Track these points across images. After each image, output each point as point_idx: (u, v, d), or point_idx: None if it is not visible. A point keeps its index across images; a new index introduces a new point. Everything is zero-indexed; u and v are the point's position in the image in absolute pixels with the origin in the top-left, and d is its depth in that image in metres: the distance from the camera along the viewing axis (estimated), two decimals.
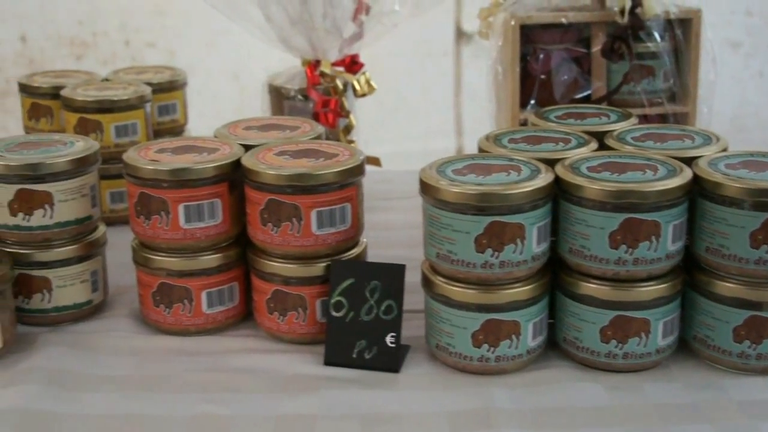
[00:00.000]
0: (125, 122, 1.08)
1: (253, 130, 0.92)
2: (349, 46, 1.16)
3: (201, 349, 0.83)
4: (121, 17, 2.84)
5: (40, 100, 1.16)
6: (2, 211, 0.83)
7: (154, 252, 0.83)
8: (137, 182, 0.81)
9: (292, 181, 0.78)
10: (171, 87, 1.19)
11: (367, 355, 0.78)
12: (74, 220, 0.85)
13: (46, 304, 0.86)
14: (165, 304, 0.84)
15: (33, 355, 0.81)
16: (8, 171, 0.82)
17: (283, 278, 0.81)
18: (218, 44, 2.82)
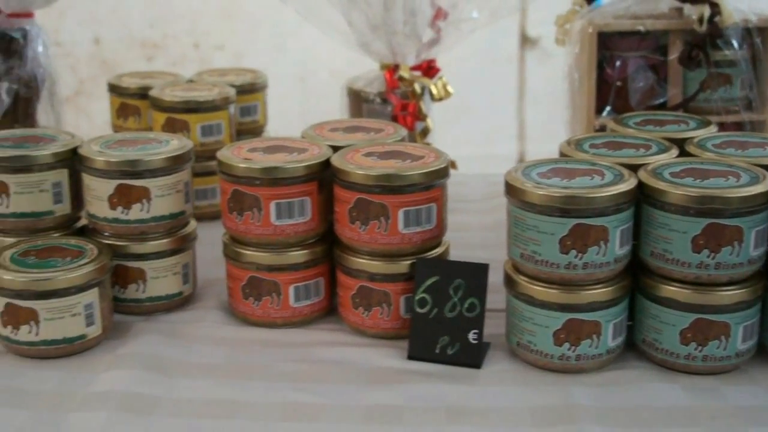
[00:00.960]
0: (210, 122, 1.12)
1: (339, 132, 0.95)
2: (426, 51, 1.18)
3: (288, 341, 0.86)
4: (191, 20, 2.91)
5: (128, 100, 1.20)
6: (102, 205, 0.87)
7: (244, 247, 0.87)
8: (231, 179, 0.85)
9: (380, 181, 0.81)
10: (252, 89, 1.23)
11: (450, 351, 0.81)
12: (169, 214, 0.88)
13: (141, 294, 0.90)
14: (254, 297, 0.87)
15: (130, 342, 0.85)
16: (109, 167, 0.86)
17: (368, 274, 0.84)
18: (285, 47, 2.87)
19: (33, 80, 1.20)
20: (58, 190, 0.89)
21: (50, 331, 0.81)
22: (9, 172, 0.87)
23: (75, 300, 0.81)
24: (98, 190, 0.87)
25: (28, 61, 1.20)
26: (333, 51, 2.90)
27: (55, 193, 0.89)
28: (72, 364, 0.82)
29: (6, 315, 0.81)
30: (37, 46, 1.21)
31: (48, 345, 0.81)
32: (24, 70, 1.19)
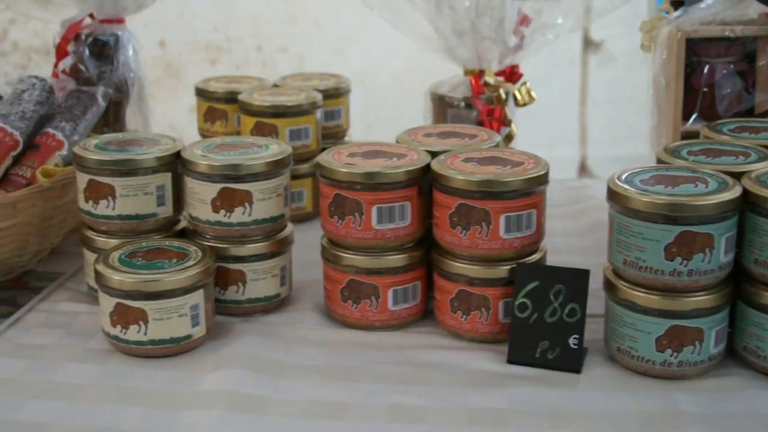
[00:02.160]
0: (298, 126, 1.14)
1: (433, 137, 0.96)
2: (509, 57, 1.19)
3: (386, 344, 0.87)
4: (254, 24, 2.94)
5: (215, 104, 1.23)
6: (205, 208, 0.89)
7: (344, 250, 0.88)
8: (332, 184, 0.86)
9: (482, 186, 0.82)
10: (336, 93, 1.24)
11: (550, 355, 0.82)
12: (269, 218, 0.90)
13: (240, 296, 0.91)
14: (353, 299, 0.88)
15: (232, 343, 0.87)
16: (212, 171, 0.88)
17: (468, 279, 0.85)
18: (346, 51, 2.89)
19: (124, 84, 1.23)
20: (161, 193, 0.91)
21: (158, 331, 0.83)
22: (115, 176, 0.89)
23: (182, 301, 0.83)
24: (201, 194, 0.89)
25: (119, 66, 1.22)
26: (393, 55, 2.91)
27: (158, 195, 0.91)
28: (178, 364, 0.84)
29: (116, 315, 0.83)
30: (128, 51, 1.24)
31: (155, 345, 0.83)
32: (115, 75, 1.22)
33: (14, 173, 1.01)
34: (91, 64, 1.21)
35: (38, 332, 0.90)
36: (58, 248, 1.07)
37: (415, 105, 1.87)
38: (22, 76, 1.08)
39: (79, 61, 1.22)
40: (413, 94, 2.01)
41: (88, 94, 1.10)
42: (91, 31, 1.23)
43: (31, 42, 3.12)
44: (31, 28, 3.09)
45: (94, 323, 0.91)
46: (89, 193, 0.91)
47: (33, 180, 1.00)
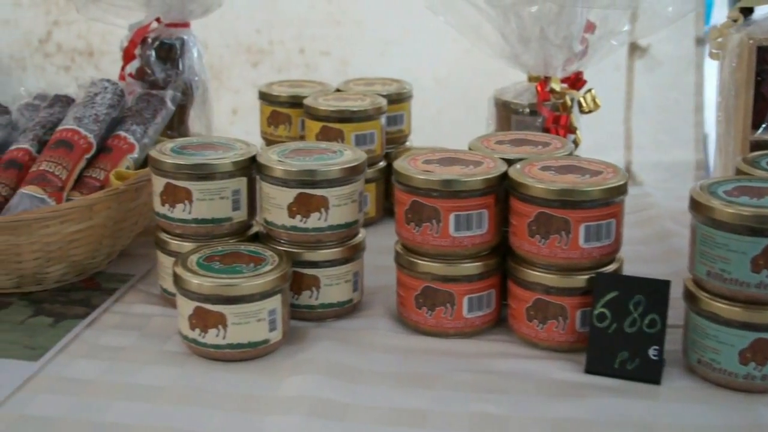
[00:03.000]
0: (364, 132, 1.15)
1: (506, 145, 0.96)
2: (574, 64, 1.19)
3: (461, 351, 0.87)
4: (297, 26, 2.95)
5: (279, 108, 1.23)
6: (281, 213, 0.90)
7: (420, 257, 0.88)
8: (410, 190, 0.87)
9: (562, 195, 0.82)
10: (399, 99, 1.25)
11: (629, 366, 0.81)
12: (344, 223, 0.90)
13: (314, 301, 0.92)
14: (428, 306, 0.88)
15: (308, 348, 0.87)
16: (289, 176, 0.89)
17: (544, 287, 0.85)
18: (389, 54, 2.89)
19: (188, 88, 1.24)
20: (236, 197, 0.92)
21: (237, 335, 0.83)
22: (192, 179, 0.90)
23: (261, 306, 0.83)
24: (278, 199, 0.89)
25: (185, 69, 1.23)
26: (437, 59, 2.91)
27: (234, 200, 0.92)
28: (256, 368, 0.84)
29: (194, 318, 0.84)
30: (193, 54, 1.25)
31: (234, 348, 0.84)
32: (180, 78, 1.23)
33: (88, 175, 1.02)
34: (157, 68, 1.22)
35: (115, 334, 0.91)
36: (126, 250, 1.08)
37: (458, 109, 1.87)
38: (94, 79, 1.09)
39: (146, 64, 1.23)
40: (456, 98, 2.00)
41: (158, 98, 1.11)
42: (158, 35, 1.24)
43: (74, 44, 3.14)
44: (75, 30, 3.12)
45: (169, 325, 0.92)
46: (165, 197, 0.91)
47: (106, 182, 1.01)
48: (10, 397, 0.79)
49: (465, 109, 1.95)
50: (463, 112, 1.86)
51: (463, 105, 1.96)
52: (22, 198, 0.95)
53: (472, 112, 1.44)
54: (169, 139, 1.13)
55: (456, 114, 2.17)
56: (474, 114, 1.30)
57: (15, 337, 0.89)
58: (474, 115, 1.29)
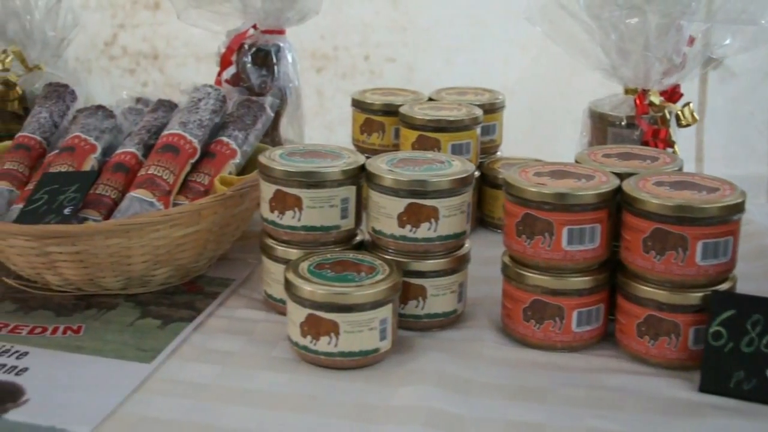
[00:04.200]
0: (460, 141, 1.15)
1: (613, 158, 0.96)
2: (672, 77, 1.18)
3: (571, 366, 0.87)
4: (362, 32, 2.96)
5: (373, 116, 1.24)
6: (391, 222, 0.90)
7: (530, 269, 0.88)
8: (522, 203, 0.86)
9: (680, 212, 0.81)
10: (492, 109, 1.24)
11: (746, 386, 0.80)
12: (453, 234, 0.91)
13: (420, 311, 0.92)
14: (536, 319, 0.88)
15: (417, 358, 0.87)
16: (399, 186, 0.89)
17: (657, 304, 0.84)
18: (455, 61, 2.89)
19: (283, 94, 1.25)
20: (345, 205, 0.92)
21: (348, 343, 0.84)
22: (303, 187, 0.91)
23: (373, 315, 0.84)
24: (388, 208, 0.89)
25: (280, 76, 1.24)
26: (504, 67, 2.90)
27: (342, 208, 0.92)
28: (367, 376, 0.84)
29: (306, 325, 0.84)
30: (288, 61, 1.26)
31: (345, 357, 0.84)
32: (275, 84, 1.24)
33: (192, 180, 1.03)
34: (253, 74, 1.24)
35: (223, 338, 0.91)
36: (225, 254, 1.09)
37: (525, 117, 1.86)
38: (197, 85, 1.11)
39: (242, 70, 1.24)
40: (523, 106, 2.00)
41: (258, 104, 1.12)
42: (254, 41, 1.25)
43: (139, 47, 3.18)
44: (140, 34, 3.16)
45: (275, 331, 0.93)
46: (275, 203, 0.92)
47: (210, 187, 1.02)
48: (128, 398, 0.80)
49: (532, 118, 1.94)
50: (530, 121, 1.85)
51: (530, 114, 1.95)
52: (132, 201, 0.97)
53: (539, 120, 1.44)
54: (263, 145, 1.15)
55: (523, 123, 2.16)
56: (540, 122, 1.29)
57: (126, 338, 0.91)
58: (541, 124, 1.28)
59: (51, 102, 1.18)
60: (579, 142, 1.23)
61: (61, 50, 1.35)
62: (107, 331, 0.92)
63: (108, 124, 1.08)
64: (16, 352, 0.88)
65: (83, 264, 0.94)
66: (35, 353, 0.88)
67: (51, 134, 1.15)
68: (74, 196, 0.95)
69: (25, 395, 0.80)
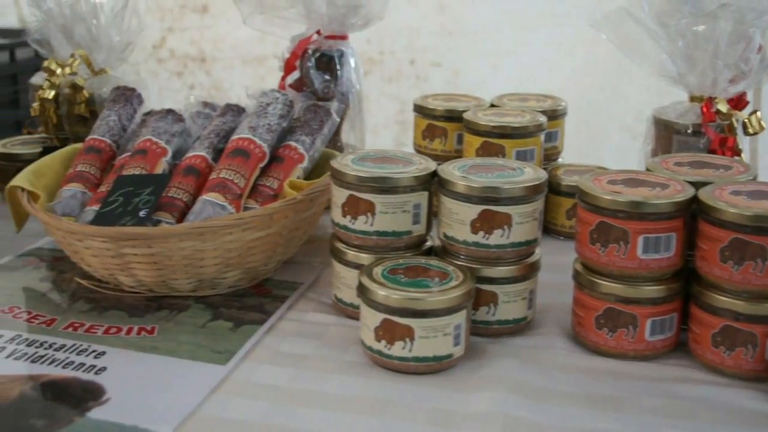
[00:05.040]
0: (525, 148, 1.15)
1: (685, 167, 0.95)
2: (738, 85, 1.17)
3: (644, 375, 0.86)
4: (409, 36, 2.97)
5: (435, 122, 1.24)
6: (463, 228, 0.90)
7: (603, 277, 0.88)
8: (596, 210, 0.86)
9: (758, 221, 0.80)
10: (554, 115, 1.24)
11: None
12: (525, 241, 0.91)
13: (491, 317, 0.92)
14: (609, 327, 0.88)
15: (490, 364, 0.87)
16: (472, 192, 0.89)
17: (734, 314, 0.84)
18: (502, 65, 2.89)
19: (345, 99, 1.26)
20: (417, 211, 0.93)
21: (423, 348, 0.84)
22: (376, 192, 0.91)
23: (447, 320, 0.84)
24: (461, 214, 0.90)
25: (343, 81, 1.25)
26: (549, 72, 2.89)
27: (414, 214, 0.93)
28: (440, 382, 0.85)
29: (381, 330, 0.85)
30: (351, 66, 1.27)
31: (419, 362, 0.85)
32: (338, 90, 1.25)
33: (262, 184, 1.04)
34: (317, 79, 1.25)
35: (295, 341, 0.92)
36: (291, 258, 1.10)
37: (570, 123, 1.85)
38: (264, 90, 1.12)
39: (305, 75, 1.25)
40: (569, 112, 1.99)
41: (324, 109, 1.13)
42: (317, 46, 1.26)
43: (187, 50, 3.22)
44: (188, 37, 3.20)
45: (346, 335, 0.93)
46: (348, 208, 0.93)
47: (279, 191, 1.03)
48: (206, 399, 0.81)
49: (577, 124, 1.93)
50: (575, 127, 1.85)
51: (576, 119, 1.94)
52: (204, 204, 0.98)
53: (585, 126, 1.43)
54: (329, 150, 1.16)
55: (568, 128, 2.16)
56: (586, 128, 1.29)
57: (199, 339, 0.92)
58: (586, 130, 1.28)
59: (119, 105, 1.20)
60: (642, 149, 1.22)
61: (126, 54, 1.36)
62: (180, 332, 0.93)
63: (178, 128, 1.10)
64: (94, 351, 0.89)
65: (157, 266, 0.95)
66: (112, 353, 0.89)
67: (120, 137, 1.17)
68: (149, 198, 0.96)
69: (106, 394, 0.82)
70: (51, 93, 1.33)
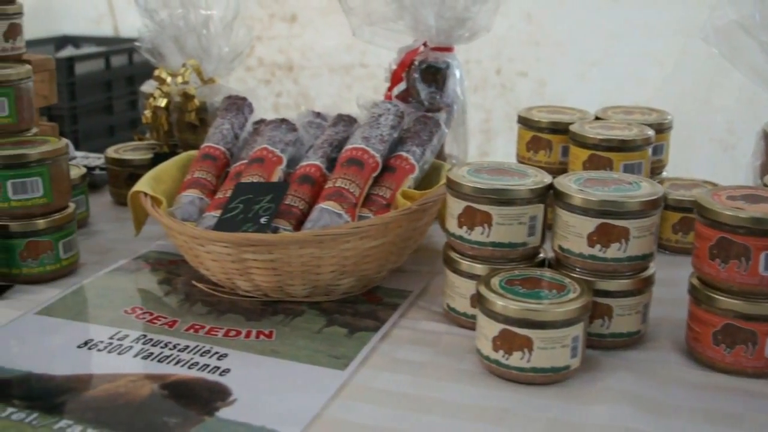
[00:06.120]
0: (632, 161, 1.15)
1: None
2: None
3: (763, 392, 0.86)
4: (495, 46, 2.98)
5: (540, 134, 1.25)
6: (580, 241, 0.91)
7: (722, 293, 0.88)
8: (716, 226, 0.86)
9: None
10: (660, 129, 1.24)
11: None
12: (641, 255, 0.91)
13: (604, 330, 0.93)
14: (727, 344, 0.88)
15: (606, 377, 0.88)
16: (590, 205, 0.90)
17: None
18: (590, 76, 2.88)
19: (450, 110, 1.27)
20: (533, 223, 0.94)
21: (541, 359, 0.85)
22: (493, 204, 0.93)
23: (566, 332, 0.85)
24: (578, 227, 0.91)
25: (448, 92, 1.27)
26: (638, 83, 2.85)
27: (530, 226, 0.94)
28: (558, 393, 0.85)
29: (500, 340, 0.86)
30: (456, 78, 1.28)
31: (536, 372, 0.86)
32: (443, 101, 1.27)
33: (375, 193, 1.06)
34: (423, 90, 1.26)
35: (410, 349, 0.94)
36: (399, 266, 1.12)
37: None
38: (375, 101, 1.14)
39: (411, 86, 1.27)
40: None
41: (434, 120, 1.15)
42: (424, 58, 1.28)
43: (275, 58, 3.28)
44: (276, 45, 3.26)
45: (460, 344, 0.95)
46: (464, 219, 0.94)
47: (391, 201, 1.05)
48: (329, 403, 0.83)
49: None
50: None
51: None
52: (321, 212, 1.00)
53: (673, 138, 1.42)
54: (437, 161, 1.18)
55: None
56: (675, 140, 1.28)
57: (317, 345, 0.94)
58: (676, 141, 1.27)
59: (231, 114, 1.23)
60: (751, 164, 1.21)
61: (235, 64, 1.40)
62: (298, 337, 0.96)
63: (291, 137, 1.13)
64: (216, 353, 0.92)
65: (276, 272, 0.98)
66: (234, 355, 0.92)
67: (233, 145, 1.20)
68: (269, 206, 0.99)
69: (232, 395, 0.84)
70: (163, 101, 1.37)
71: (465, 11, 1.24)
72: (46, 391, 0.85)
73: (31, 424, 0.79)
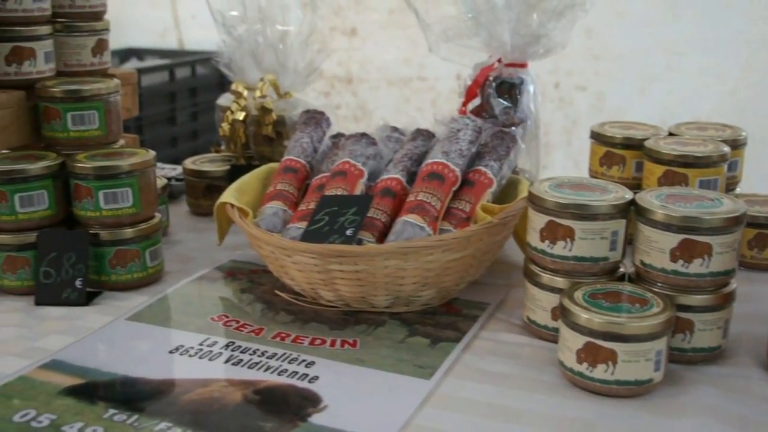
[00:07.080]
0: (708, 177, 1.15)
1: None
2: None
3: None
4: (554, 59, 2.98)
5: (613, 149, 1.26)
6: (662, 257, 0.92)
7: None
8: None
9: None
10: (735, 145, 1.24)
11: None
12: (723, 271, 0.92)
13: (686, 344, 0.94)
14: None
15: (688, 391, 0.89)
16: (672, 221, 0.91)
17: None
18: (649, 90, 2.87)
19: (524, 126, 1.29)
20: (614, 238, 0.95)
21: (625, 372, 0.87)
22: (576, 219, 0.94)
23: (650, 346, 0.86)
24: (660, 242, 0.92)
25: (522, 108, 1.29)
26: (700, 98, 2.84)
27: (612, 240, 0.95)
28: (641, 406, 0.87)
29: (584, 352, 0.88)
30: (530, 93, 1.30)
31: (620, 385, 0.87)
32: (517, 116, 1.29)
33: (454, 207, 1.08)
34: (497, 105, 1.28)
35: (492, 360, 0.96)
36: (476, 279, 1.14)
37: None
38: (454, 116, 1.16)
39: (486, 101, 1.29)
40: None
41: (510, 135, 1.17)
42: (498, 74, 1.30)
43: (334, 71, 3.32)
44: (336, 58, 3.30)
45: (541, 356, 0.96)
46: (546, 233, 0.96)
47: (471, 214, 1.07)
48: (417, 411, 0.85)
49: None
50: None
51: None
52: (404, 225, 1.03)
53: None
54: (513, 176, 1.19)
55: None
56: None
57: (401, 354, 0.97)
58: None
59: (310, 128, 1.26)
60: None
61: (312, 78, 1.44)
62: (381, 347, 0.98)
63: (372, 151, 1.15)
64: (304, 361, 0.95)
65: (360, 282, 1.01)
66: (321, 363, 0.95)
67: (312, 158, 1.23)
68: (354, 218, 1.02)
69: (322, 402, 0.87)
70: (242, 114, 1.41)
71: (540, 28, 1.26)
72: (144, 394, 0.89)
73: (133, 425, 0.83)
